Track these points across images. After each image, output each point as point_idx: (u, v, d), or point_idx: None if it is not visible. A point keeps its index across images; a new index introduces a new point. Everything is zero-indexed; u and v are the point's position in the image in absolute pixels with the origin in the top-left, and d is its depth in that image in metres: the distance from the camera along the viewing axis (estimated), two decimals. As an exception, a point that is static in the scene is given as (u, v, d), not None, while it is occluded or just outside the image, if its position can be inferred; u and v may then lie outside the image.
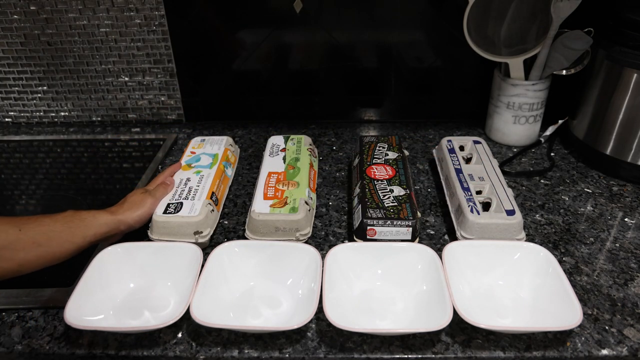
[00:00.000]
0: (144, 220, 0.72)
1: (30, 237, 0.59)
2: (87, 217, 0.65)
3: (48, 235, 0.61)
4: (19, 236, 0.58)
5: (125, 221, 0.69)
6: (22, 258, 0.59)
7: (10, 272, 0.59)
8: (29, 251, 0.59)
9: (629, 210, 0.81)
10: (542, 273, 0.65)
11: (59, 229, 0.62)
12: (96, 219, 0.66)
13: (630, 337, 0.60)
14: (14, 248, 0.58)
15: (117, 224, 0.68)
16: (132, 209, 0.71)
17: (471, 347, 0.59)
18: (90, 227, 0.65)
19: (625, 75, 0.82)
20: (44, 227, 0.61)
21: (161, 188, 0.77)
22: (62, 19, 0.99)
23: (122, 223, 0.69)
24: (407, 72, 1.04)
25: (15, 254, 0.58)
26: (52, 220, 0.62)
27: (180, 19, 0.99)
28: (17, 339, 0.61)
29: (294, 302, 0.64)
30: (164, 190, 0.77)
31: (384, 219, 0.70)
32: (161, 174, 0.82)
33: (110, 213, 0.68)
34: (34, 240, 0.59)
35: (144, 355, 0.60)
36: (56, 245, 0.61)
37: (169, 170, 0.82)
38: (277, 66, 1.04)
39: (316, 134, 1.06)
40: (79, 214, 0.65)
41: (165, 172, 0.82)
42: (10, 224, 0.59)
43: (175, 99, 1.08)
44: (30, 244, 0.59)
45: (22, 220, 0.60)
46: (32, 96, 1.08)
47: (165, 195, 0.76)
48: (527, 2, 0.88)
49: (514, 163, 0.94)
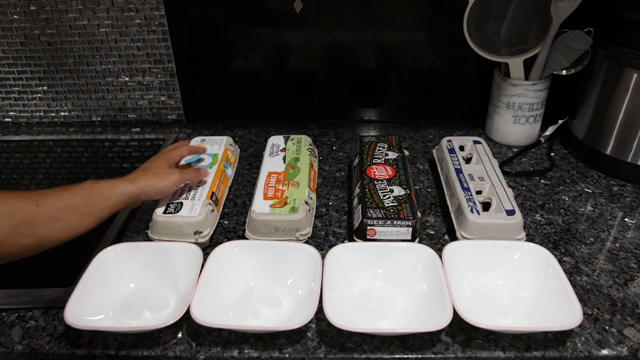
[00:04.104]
0: (164, 194, 0.71)
1: (47, 212, 0.58)
2: (105, 188, 0.64)
3: (66, 210, 0.60)
4: (37, 212, 0.58)
5: (145, 191, 0.68)
6: (41, 233, 0.58)
7: (32, 248, 0.59)
8: (48, 226, 0.58)
9: (629, 210, 0.81)
10: (542, 273, 0.65)
11: (77, 203, 0.61)
12: (115, 189, 0.64)
13: (630, 337, 0.60)
14: (32, 224, 0.57)
15: (138, 194, 0.67)
16: (155, 179, 0.69)
17: (471, 347, 0.59)
18: (109, 198, 0.63)
19: (625, 75, 0.82)
20: (62, 202, 0.60)
21: (193, 173, 0.75)
22: (62, 19, 0.99)
23: (142, 192, 0.67)
24: (407, 72, 1.04)
25: (34, 230, 0.58)
26: (70, 194, 0.61)
27: (180, 19, 0.99)
28: (17, 339, 0.61)
29: (294, 302, 0.64)
30: (195, 176, 0.75)
31: (384, 219, 0.70)
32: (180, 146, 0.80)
33: (130, 181, 0.66)
34: (52, 216, 0.59)
35: (144, 355, 0.60)
36: (75, 219, 0.60)
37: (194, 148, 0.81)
38: (277, 66, 1.04)
39: (316, 134, 1.06)
40: (98, 185, 0.63)
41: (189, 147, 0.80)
42: (27, 200, 0.58)
43: (175, 99, 1.08)
44: (48, 220, 0.58)
45: (40, 195, 0.59)
46: (32, 96, 1.08)
47: (192, 180, 0.75)
48: (527, 2, 0.88)
49: (514, 163, 0.94)
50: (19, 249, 0.57)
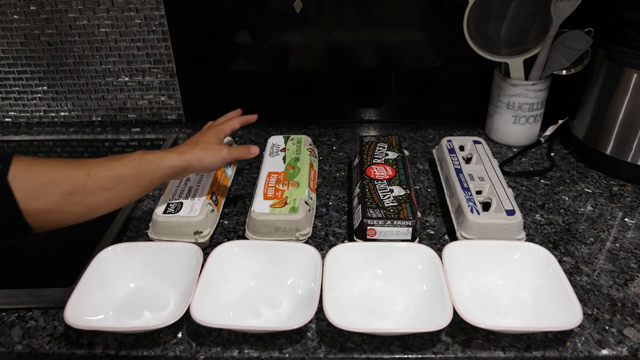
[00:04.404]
0: (210, 170, 0.72)
1: (98, 182, 0.60)
2: (154, 160, 0.65)
3: (116, 180, 0.61)
4: (87, 182, 0.59)
5: (192, 165, 0.69)
6: (91, 202, 0.60)
7: (81, 216, 0.60)
8: (97, 196, 0.60)
9: (629, 210, 0.81)
10: (542, 273, 0.65)
11: (127, 173, 0.62)
12: (164, 161, 0.66)
13: (630, 337, 0.60)
14: (82, 193, 0.59)
15: (185, 167, 0.68)
16: (203, 153, 0.69)
17: (471, 347, 0.59)
18: (157, 170, 0.65)
19: (625, 75, 0.82)
20: (112, 172, 0.61)
21: (242, 150, 0.75)
22: (62, 19, 0.99)
23: (189, 166, 0.68)
24: (407, 72, 1.04)
25: (84, 199, 0.59)
26: (120, 164, 0.62)
27: (180, 19, 0.99)
28: (17, 339, 0.61)
29: (294, 302, 0.64)
30: (244, 153, 0.75)
31: (384, 219, 0.70)
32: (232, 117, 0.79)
33: (179, 154, 0.67)
34: (102, 186, 0.60)
35: (144, 355, 0.60)
36: (124, 189, 0.62)
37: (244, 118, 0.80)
38: (277, 66, 1.04)
39: (316, 134, 1.06)
40: (147, 156, 0.65)
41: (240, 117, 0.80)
42: (79, 169, 0.59)
43: (175, 99, 1.08)
44: (98, 189, 0.60)
45: (90, 164, 0.61)
46: (32, 96, 1.08)
47: (241, 158, 0.75)
48: (527, 2, 0.88)
49: (514, 163, 0.94)
50: (69, 217, 0.59)
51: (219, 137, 0.73)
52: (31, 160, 0.58)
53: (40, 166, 0.57)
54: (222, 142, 0.74)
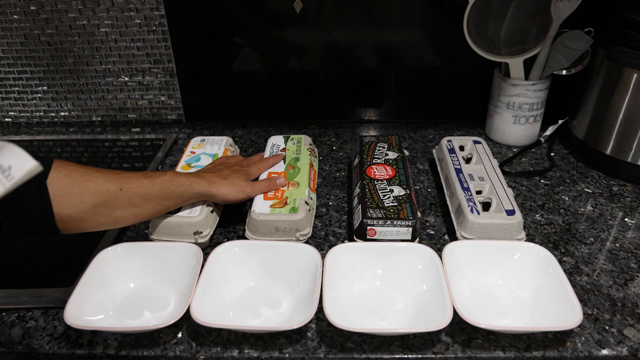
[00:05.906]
0: (230, 202, 0.73)
1: (128, 197, 0.62)
2: (184, 184, 0.67)
3: (144, 198, 0.64)
4: (119, 195, 0.61)
5: (216, 197, 0.71)
6: (118, 215, 0.62)
7: (106, 226, 0.64)
8: (125, 210, 0.63)
9: (629, 210, 0.81)
10: (542, 273, 0.65)
11: (156, 193, 0.65)
12: (192, 187, 0.68)
13: (630, 337, 0.60)
14: (112, 206, 0.61)
15: (209, 197, 0.71)
16: (229, 189, 0.71)
17: (471, 347, 0.59)
18: (184, 194, 0.68)
19: (625, 75, 0.82)
20: (142, 190, 0.64)
21: (265, 185, 0.76)
22: (62, 19, 0.99)
23: (213, 197, 0.71)
24: (407, 72, 1.04)
25: (113, 211, 0.62)
26: (151, 184, 0.65)
27: (180, 19, 0.99)
28: (17, 339, 0.61)
29: (294, 302, 0.64)
30: (267, 187, 0.76)
31: (384, 219, 0.70)
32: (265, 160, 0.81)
33: (208, 184, 0.70)
34: (131, 201, 0.63)
35: (144, 355, 0.60)
36: (150, 207, 0.65)
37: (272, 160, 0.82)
38: (277, 66, 1.04)
39: (316, 134, 1.06)
40: (177, 179, 0.67)
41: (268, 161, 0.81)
42: (113, 181, 0.61)
43: (175, 99, 1.08)
44: (127, 204, 0.62)
45: (124, 178, 0.63)
46: (32, 96, 1.08)
47: (263, 192, 0.76)
48: (527, 2, 0.88)
49: (514, 163, 0.94)
50: (94, 226, 0.62)
51: (248, 177, 0.76)
52: (70, 166, 0.60)
53: (78, 174, 0.59)
54: (249, 180, 0.76)
